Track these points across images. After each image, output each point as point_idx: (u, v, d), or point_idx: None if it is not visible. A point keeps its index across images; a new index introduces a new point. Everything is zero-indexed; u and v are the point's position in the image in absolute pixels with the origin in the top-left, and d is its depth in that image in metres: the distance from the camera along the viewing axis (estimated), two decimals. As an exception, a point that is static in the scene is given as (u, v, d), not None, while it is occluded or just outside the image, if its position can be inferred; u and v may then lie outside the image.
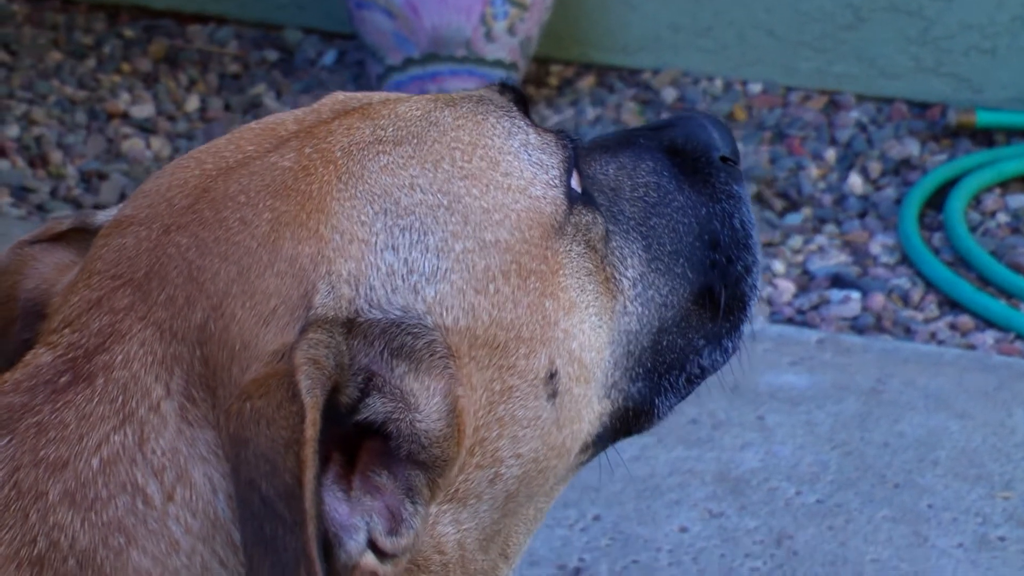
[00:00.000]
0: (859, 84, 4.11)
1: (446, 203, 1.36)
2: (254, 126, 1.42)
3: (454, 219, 1.35)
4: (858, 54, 4.10)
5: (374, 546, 1.26)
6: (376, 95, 1.46)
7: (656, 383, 1.50)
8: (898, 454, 2.87)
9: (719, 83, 4.17)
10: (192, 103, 4.11)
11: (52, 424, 1.28)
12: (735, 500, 2.76)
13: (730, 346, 1.56)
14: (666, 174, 1.56)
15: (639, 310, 1.48)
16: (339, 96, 1.46)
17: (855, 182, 3.82)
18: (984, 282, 3.50)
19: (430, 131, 1.39)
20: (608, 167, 1.54)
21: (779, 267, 3.55)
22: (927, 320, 3.41)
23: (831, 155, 3.91)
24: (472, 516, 1.37)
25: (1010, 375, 3.09)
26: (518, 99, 1.48)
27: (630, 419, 1.49)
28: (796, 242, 3.64)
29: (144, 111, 4.08)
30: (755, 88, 4.15)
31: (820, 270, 3.54)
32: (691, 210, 1.55)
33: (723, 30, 4.17)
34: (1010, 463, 2.86)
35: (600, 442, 1.47)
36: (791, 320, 3.41)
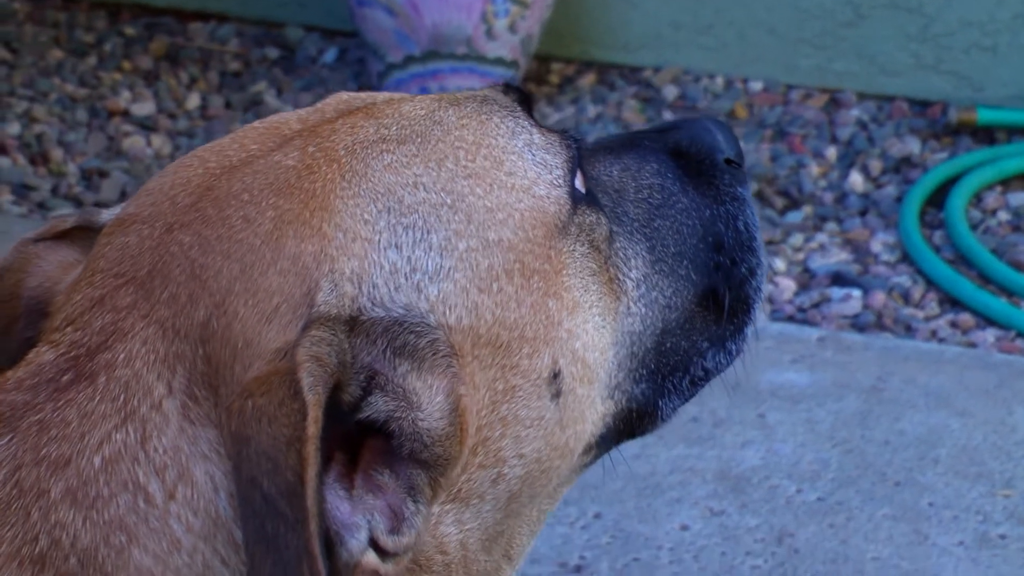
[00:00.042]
0: (860, 82, 4.11)
1: (449, 202, 1.36)
2: (258, 125, 1.42)
3: (457, 218, 1.35)
4: (859, 52, 4.09)
5: (376, 545, 1.26)
6: (380, 95, 1.46)
7: (660, 385, 1.50)
8: (899, 452, 2.87)
9: (720, 81, 4.17)
10: (193, 101, 4.11)
11: (54, 422, 1.28)
12: (736, 498, 2.76)
13: (734, 348, 1.56)
14: (670, 176, 1.56)
15: (643, 311, 1.48)
16: (343, 96, 1.46)
17: (856, 180, 3.81)
18: (985, 280, 3.50)
19: (434, 130, 1.39)
20: (612, 168, 1.54)
21: (780, 265, 3.55)
22: (928, 318, 3.41)
23: (832, 153, 3.91)
24: (475, 516, 1.37)
25: (1011, 373, 3.09)
26: (522, 99, 1.48)
27: (633, 421, 1.49)
28: (797, 240, 3.64)
29: (145, 109, 4.08)
30: (756, 86, 4.15)
31: (821, 268, 3.54)
32: (695, 212, 1.55)
33: (724, 28, 4.17)
34: (1011, 461, 2.85)
35: (603, 443, 1.47)
36: (792, 318, 3.40)
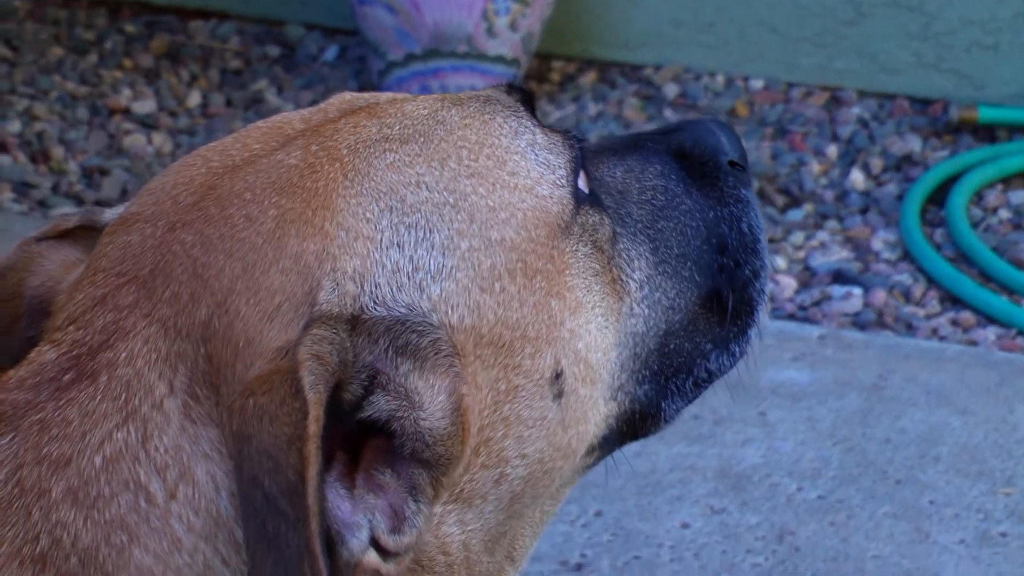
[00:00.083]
0: (860, 80, 4.11)
1: (452, 201, 1.35)
2: (261, 125, 1.42)
3: (460, 217, 1.35)
4: (859, 50, 4.09)
5: (377, 544, 1.26)
6: (383, 95, 1.45)
7: (663, 386, 1.50)
8: (900, 450, 2.87)
9: (721, 79, 4.17)
10: (194, 99, 4.11)
11: (55, 421, 1.28)
12: (737, 496, 2.76)
13: (737, 350, 1.55)
14: (674, 178, 1.56)
15: (646, 312, 1.47)
16: (346, 96, 1.46)
17: (857, 178, 3.81)
18: (986, 278, 3.50)
19: (437, 129, 1.39)
20: (616, 170, 1.54)
21: (781, 263, 3.55)
22: (929, 316, 3.41)
23: (833, 151, 3.91)
24: (477, 517, 1.37)
25: (1012, 371, 3.09)
26: (525, 99, 1.47)
27: (636, 422, 1.49)
28: (798, 238, 3.64)
29: (146, 107, 4.08)
30: (757, 84, 4.15)
31: (822, 266, 3.54)
32: (699, 214, 1.55)
33: (725, 26, 4.17)
34: (1011, 459, 2.85)
35: (606, 445, 1.47)
36: (793, 316, 3.40)
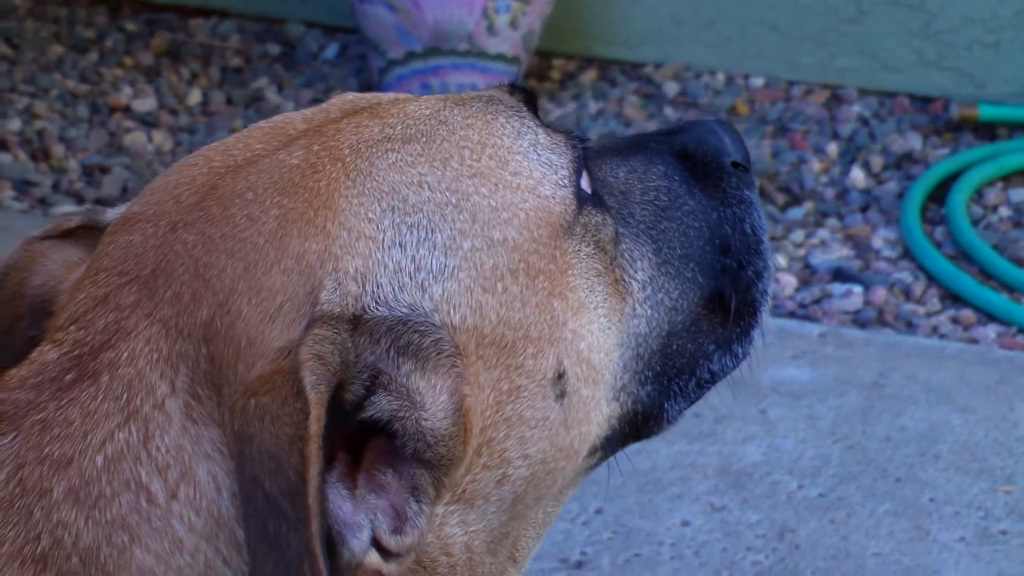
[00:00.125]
0: (861, 78, 4.11)
1: (454, 201, 1.35)
2: (263, 125, 1.42)
3: (462, 217, 1.35)
4: (860, 48, 4.09)
5: (378, 545, 1.26)
6: (385, 95, 1.45)
7: (666, 387, 1.50)
8: (900, 448, 2.87)
9: (721, 77, 4.17)
10: (194, 97, 4.11)
11: (57, 421, 1.28)
12: (737, 494, 2.76)
13: (740, 351, 1.55)
14: (677, 178, 1.56)
15: (648, 313, 1.47)
16: (348, 96, 1.46)
17: (857, 176, 3.81)
18: (986, 276, 3.50)
19: (439, 129, 1.39)
20: (618, 170, 1.54)
21: (781, 261, 3.55)
22: (929, 314, 3.41)
23: (833, 149, 3.91)
24: (480, 518, 1.36)
25: (1012, 369, 3.09)
26: (528, 99, 1.47)
27: (639, 423, 1.49)
28: (798, 236, 3.64)
29: (146, 105, 4.08)
30: (757, 82, 4.15)
31: (822, 264, 3.54)
32: (702, 214, 1.55)
33: (725, 24, 4.17)
34: (1012, 457, 2.85)
35: (608, 445, 1.46)
36: (793, 314, 3.40)
